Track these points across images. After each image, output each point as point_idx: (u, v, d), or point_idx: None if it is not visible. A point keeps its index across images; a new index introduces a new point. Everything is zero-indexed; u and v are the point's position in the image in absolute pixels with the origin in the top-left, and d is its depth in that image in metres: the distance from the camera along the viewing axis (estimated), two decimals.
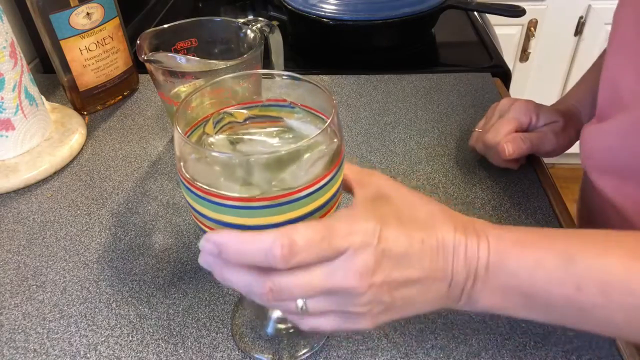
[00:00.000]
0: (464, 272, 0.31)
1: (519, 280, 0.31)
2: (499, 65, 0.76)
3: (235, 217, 0.28)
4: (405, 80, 0.72)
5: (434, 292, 0.32)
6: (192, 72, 0.56)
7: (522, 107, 0.55)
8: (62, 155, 0.58)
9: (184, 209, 0.52)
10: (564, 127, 0.54)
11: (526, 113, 0.54)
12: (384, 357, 0.39)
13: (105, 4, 0.62)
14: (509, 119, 0.54)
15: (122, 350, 0.40)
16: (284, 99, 0.34)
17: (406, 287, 0.31)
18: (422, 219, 0.32)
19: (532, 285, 0.31)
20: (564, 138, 0.54)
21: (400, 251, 0.30)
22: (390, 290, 0.31)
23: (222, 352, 0.39)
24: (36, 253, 0.48)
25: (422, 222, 0.32)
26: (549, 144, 0.53)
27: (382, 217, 0.31)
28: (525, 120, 0.54)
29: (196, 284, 0.45)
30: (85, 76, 0.64)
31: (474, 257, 0.31)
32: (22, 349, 0.40)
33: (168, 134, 0.63)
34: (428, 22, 0.82)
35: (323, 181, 0.29)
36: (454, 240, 0.31)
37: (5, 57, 0.54)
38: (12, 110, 0.56)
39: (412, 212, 0.32)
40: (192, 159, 0.30)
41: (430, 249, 0.31)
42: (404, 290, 0.31)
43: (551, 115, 0.54)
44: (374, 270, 0.30)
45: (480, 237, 0.32)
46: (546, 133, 0.53)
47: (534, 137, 0.53)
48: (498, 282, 0.32)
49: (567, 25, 1.60)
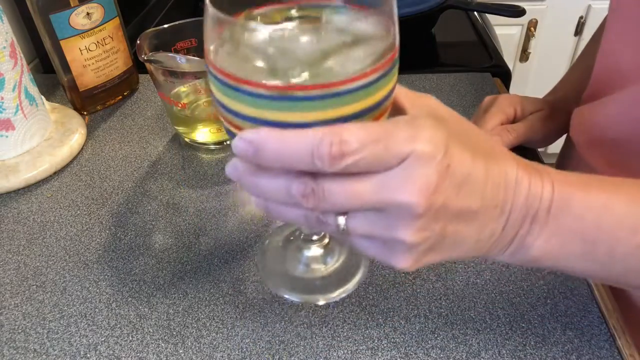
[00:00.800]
0: (523, 211, 0.28)
1: (584, 224, 0.28)
2: (499, 65, 0.76)
3: (273, 111, 0.24)
4: (405, 80, 0.72)
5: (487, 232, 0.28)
6: (192, 72, 0.56)
7: (505, 100, 0.55)
8: (62, 155, 0.58)
9: (184, 209, 0.52)
10: (550, 114, 0.53)
11: (510, 105, 0.54)
12: (384, 357, 0.39)
13: (105, 4, 0.62)
14: (493, 112, 0.54)
15: (122, 350, 0.40)
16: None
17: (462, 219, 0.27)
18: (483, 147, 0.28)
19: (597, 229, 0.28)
20: (552, 125, 0.53)
21: (465, 173, 0.26)
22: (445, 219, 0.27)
23: (222, 352, 0.39)
24: (36, 253, 0.48)
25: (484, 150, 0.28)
26: (537, 132, 0.53)
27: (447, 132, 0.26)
28: (510, 112, 0.54)
29: (196, 284, 0.45)
30: (85, 76, 0.64)
31: (536, 196, 0.28)
32: (22, 349, 0.40)
33: (168, 134, 0.63)
34: (428, 22, 0.82)
35: (376, 74, 0.25)
36: (516, 176, 0.28)
37: (5, 57, 0.54)
38: (12, 110, 0.56)
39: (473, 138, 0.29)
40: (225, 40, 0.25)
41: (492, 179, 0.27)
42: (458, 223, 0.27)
43: (536, 104, 0.54)
44: (435, 188, 0.25)
45: (544, 177, 0.29)
46: (533, 122, 0.53)
47: (520, 127, 0.53)
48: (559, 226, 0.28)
49: (567, 25, 1.60)
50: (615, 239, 0.29)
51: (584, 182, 0.29)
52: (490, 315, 0.41)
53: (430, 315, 0.41)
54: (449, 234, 0.27)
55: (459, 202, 0.26)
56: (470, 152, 0.27)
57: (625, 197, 0.29)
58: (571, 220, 0.28)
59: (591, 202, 0.28)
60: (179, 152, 0.60)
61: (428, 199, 0.25)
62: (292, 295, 0.36)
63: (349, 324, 0.41)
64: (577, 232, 0.29)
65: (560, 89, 0.58)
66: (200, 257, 0.47)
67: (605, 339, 0.39)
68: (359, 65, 0.25)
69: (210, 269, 0.46)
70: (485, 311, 0.42)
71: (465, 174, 0.26)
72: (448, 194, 0.26)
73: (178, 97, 0.58)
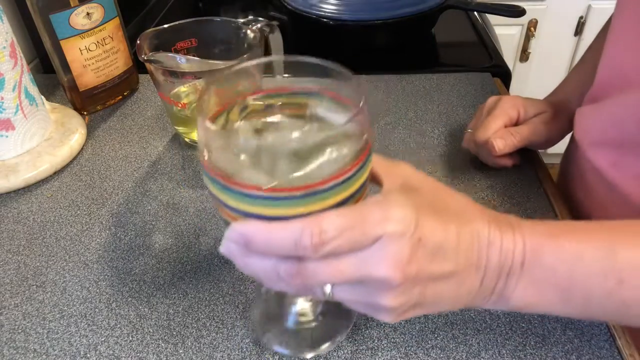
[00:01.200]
0: (497, 267, 0.30)
1: (557, 274, 0.30)
2: (499, 65, 0.76)
3: (260, 207, 0.27)
4: (405, 80, 0.72)
5: (465, 288, 0.30)
6: (192, 72, 0.56)
7: (508, 101, 0.54)
8: (62, 155, 0.58)
9: (184, 209, 0.52)
10: (553, 116, 0.53)
11: (513, 107, 0.54)
12: (384, 357, 0.39)
13: (105, 4, 0.62)
14: (496, 114, 0.54)
15: (122, 350, 0.40)
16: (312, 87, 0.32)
17: (439, 281, 0.29)
18: (454, 211, 0.31)
19: (571, 279, 0.30)
20: (555, 127, 0.53)
21: (437, 242, 0.28)
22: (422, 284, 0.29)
23: (222, 352, 0.39)
24: (36, 253, 0.48)
25: (455, 214, 0.30)
26: (540, 134, 0.53)
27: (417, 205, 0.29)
28: (514, 114, 0.54)
29: (196, 284, 0.45)
30: (85, 76, 0.64)
31: (509, 252, 0.30)
32: (22, 349, 0.40)
33: (168, 134, 0.63)
34: (428, 22, 0.82)
35: (350, 172, 0.28)
36: (488, 235, 0.30)
37: (5, 57, 0.54)
38: (12, 110, 0.56)
39: (444, 204, 0.31)
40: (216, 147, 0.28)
41: (465, 243, 0.29)
42: (435, 285, 0.29)
43: (539, 106, 0.54)
44: (409, 261, 0.28)
45: (516, 231, 0.30)
46: (536, 124, 0.53)
47: (524, 129, 0.53)
48: (534, 278, 0.30)
49: (567, 25, 1.60)
50: (588, 286, 0.30)
51: (554, 233, 0.31)
52: (490, 315, 0.41)
53: (430, 315, 0.41)
54: (429, 295, 0.30)
55: (433, 268, 0.29)
56: (441, 220, 0.29)
57: (595, 245, 0.30)
58: (544, 272, 0.30)
59: (562, 253, 0.30)
60: (179, 152, 0.60)
61: (403, 271, 0.28)
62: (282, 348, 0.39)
63: None
64: (552, 282, 0.30)
65: (563, 90, 0.58)
66: (200, 257, 0.47)
67: (605, 339, 0.39)
68: (338, 165, 0.28)
69: (210, 269, 0.46)
70: (485, 311, 0.41)
71: (437, 243, 0.29)
72: (421, 263, 0.28)
73: (178, 97, 0.58)
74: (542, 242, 0.30)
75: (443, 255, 0.29)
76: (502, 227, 0.30)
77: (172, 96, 0.57)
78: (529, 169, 0.56)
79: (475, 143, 0.54)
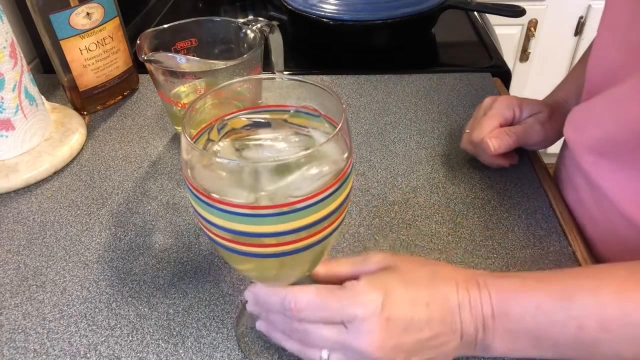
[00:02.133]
0: (472, 325, 0.33)
1: (525, 324, 0.33)
2: (499, 65, 0.76)
3: (242, 224, 0.29)
4: (405, 80, 0.72)
5: (449, 347, 0.34)
6: (192, 72, 0.56)
7: (504, 101, 0.55)
8: (62, 155, 0.58)
9: (184, 209, 0.52)
10: (549, 117, 0.53)
11: (509, 107, 0.54)
12: None
13: (105, 4, 0.62)
14: (492, 115, 0.54)
15: (122, 350, 0.40)
16: (292, 105, 0.34)
17: (420, 346, 0.33)
18: (424, 282, 0.34)
19: (537, 328, 0.33)
20: (551, 128, 0.53)
21: (406, 319, 0.32)
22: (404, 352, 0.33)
23: (222, 352, 0.39)
24: (36, 253, 0.48)
25: (425, 284, 0.34)
26: (535, 134, 0.53)
27: (386, 285, 0.33)
28: (509, 114, 0.54)
29: (196, 284, 0.45)
30: (85, 76, 0.64)
31: (478, 309, 0.33)
32: (22, 349, 0.40)
33: (168, 134, 0.63)
34: (428, 22, 0.82)
35: (329, 191, 0.29)
36: (457, 298, 0.33)
37: (5, 57, 0.54)
38: (12, 110, 0.56)
39: (414, 275, 0.35)
40: (199, 165, 0.30)
41: (436, 311, 0.33)
42: (417, 351, 0.33)
43: (535, 106, 0.54)
44: (382, 339, 0.32)
45: (482, 289, 0.34)
46: (532, 124, 0.53)
47: (520, 129, 0.53)
48: (506, 328, 0.33)
49: (567, 25, 1.60)
50: (553, 333, 0.33)
51: (516, 287, 0.34)
52: None
53: None
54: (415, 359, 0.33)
55: (410, 338, 0.33)
56: (409, 297, 0.33)
57: (555, 295, 0.33)
58: (514, 322, 0.33)
59: (525, 305, 0.33)
60: (179, 152, 0.60)
61: (379, 348, 0.32)
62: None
63: None
64: (521, 331, 0.33)
65: (560, 91, 0.58)
66: (200, 257, 0.47)
67: None
68: (318, 183, 0.29)
69: (210, 269, 0.46)
70: None
71: (407, 318, 0.32)
72: (396, 337, 0.32)
73: (178, 97, 0.58)
74: (506, 297, 0.34)
75: (417, 327, 0.33)
76: (470, 286, 0.34)
77: (172, 96, 0.57)
78: (528, 169, 0.56)
79: (472, 143, 0.54)
